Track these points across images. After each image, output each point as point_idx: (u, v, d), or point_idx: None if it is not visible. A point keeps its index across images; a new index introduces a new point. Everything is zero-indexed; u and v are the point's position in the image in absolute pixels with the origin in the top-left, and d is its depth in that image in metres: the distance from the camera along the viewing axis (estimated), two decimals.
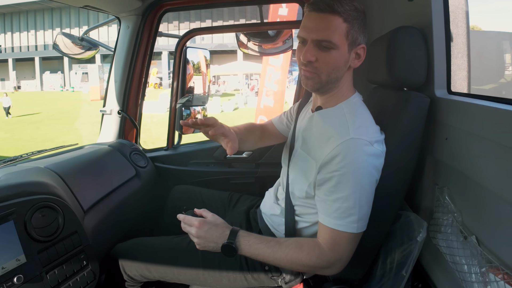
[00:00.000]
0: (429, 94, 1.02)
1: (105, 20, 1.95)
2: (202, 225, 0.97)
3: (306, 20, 0.94)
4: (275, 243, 0.95)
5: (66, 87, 28.77)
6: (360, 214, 0.88)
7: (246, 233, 0.98)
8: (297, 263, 0.93)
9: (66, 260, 1.02)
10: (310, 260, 0.91)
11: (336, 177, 0.88)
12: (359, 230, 0.89)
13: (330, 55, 0.92)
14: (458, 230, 0.88)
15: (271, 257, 0.94)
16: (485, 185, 0.78)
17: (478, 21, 3.30)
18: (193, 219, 0.99)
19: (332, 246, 0.91)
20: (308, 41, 0.93)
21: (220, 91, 22.39)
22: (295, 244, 0.94)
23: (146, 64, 1.86)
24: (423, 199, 1.11)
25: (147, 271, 1.14)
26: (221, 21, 23.96)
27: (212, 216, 1.01)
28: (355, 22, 0.92)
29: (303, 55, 0.92)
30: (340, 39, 0.91)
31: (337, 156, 0.88)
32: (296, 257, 0.92)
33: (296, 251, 0.92)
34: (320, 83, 0.96)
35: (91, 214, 1.23)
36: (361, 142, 0.88)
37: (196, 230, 0.97)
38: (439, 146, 1.00)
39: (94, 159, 1.49)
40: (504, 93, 2.38)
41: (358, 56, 0.97)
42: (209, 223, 0.98)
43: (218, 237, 0.96)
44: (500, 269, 0.71)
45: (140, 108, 1.90)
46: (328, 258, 0.91)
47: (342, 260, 0.91)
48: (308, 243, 0.94)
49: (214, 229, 0.97)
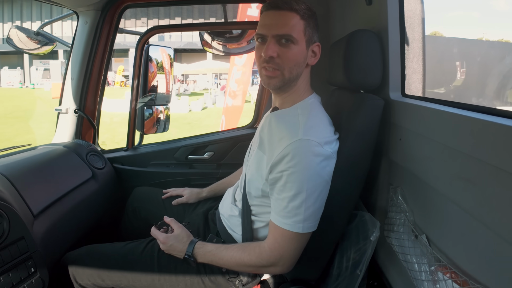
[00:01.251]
0: (384, 96, 1.05)
1: (62, 14, 1.85)
2: (166, 241, 1.07)
3: (265, 18, 0.97)
4: (223, 248, 1.03)
5: (26, 83, 27.32)
6: (306, 214, 0.89)
7: (201, 244, 1.06)
8: (241, 264, 0.99)
9: (12, 267, 0.96)
10: (250, 260, 0.97)
11: (284, 177, 0.90)
12: (305, 231, 0.90)
13: (290, 50, 0.95)
14: (409, 229, 0.90)
15: (220, 261, 1.01)
16: (434, 185, 0.81)
17: (440, 28, 3.45)
18: (158, 234, 1.09)
19: (272, 245, 0.93)
20: (268, 37, 0.95)
21: (188, 90, 22.09)
22: (239, 247, 1.02)
23: (106, 61, 1.79)
24: (379, 199, 1.14)
25: (99, 279, 1.09)
26: (190, 19, 23.62)
27: (177, 228, 1.10)
28: (310, 20, 0.97)
29: (265, 51, 0.94)
30: (299, 35, 0.95)
31: (287, 156, 0.89)
32: (239, 258, 0.98)
33: (239, 252, 0.99)
34: (283, 80, 0.97)
35: (41, 219, 1.17)
36: (309, 143, 0.89)
37: (161, 244, 1.08)
38: (393, 147, 1.03)
39: (47, 161, 1.41)
40: (452, 97, 2.50)
41: (314, 54, 1.01)
42: (172, 239, 1.07)
43: (180, 250, 1.05)
44: (448, 268, 0.74)
45: (98, 107, 1.82)
46: (267, 257, 0.94)
47: (284, 259, 0.93)
48: (251, 244, 1.01)
49: (176, 244, 1.06)
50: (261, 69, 0.98)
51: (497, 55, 2.15)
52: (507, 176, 0.55)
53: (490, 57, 2.21)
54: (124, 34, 1.95)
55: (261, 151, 1.02)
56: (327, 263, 1.09)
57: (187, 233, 1.09)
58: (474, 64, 2.33)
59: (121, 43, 19.20)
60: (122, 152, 1.87)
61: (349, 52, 1.04)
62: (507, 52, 2.22)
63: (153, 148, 1.90)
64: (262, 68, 0.98)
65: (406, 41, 1.17)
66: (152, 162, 1.87)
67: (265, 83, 0.99)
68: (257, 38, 0.99)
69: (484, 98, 1.94)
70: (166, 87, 1.93)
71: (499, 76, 1.87)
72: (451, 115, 0.74)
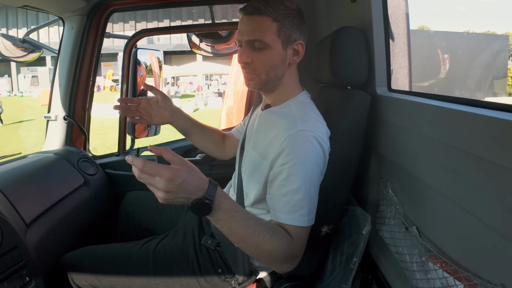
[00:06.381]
0: (371, 92, 1.06)
1: (48, 21, 1.84)
2: (176, 177, 0.71)
3: (240, 24, 0.98)
4: (252, 217, 0.83)
5: (14, 91, 26.95)
6: (310, 206, 0.89)
7: (224, 193, 0.80)
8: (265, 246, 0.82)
9: (7, 277, 0.96)
10: (280, 246, 0.83)
11: (286, 170, 0.88)
12: (309, 224, 0.90)
13: (264, 55, 0.96)
14: (400, 222, 0.92)
15: (241, 230, 0.80)
16: (422, 178, 0.82)
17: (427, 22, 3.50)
18: (161, 168, 0.71)
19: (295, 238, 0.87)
20: (243, 43, 0.97)
21: (179, 93, 22.04)
22: (269, 227, 0.85)
23: (94, 66, 1.78)
24: (370, 193, 1.16)
25: (96, 281, 1.10)
26: (179, 21, 23.50)
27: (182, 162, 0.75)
28: (286, 20, 0.95)
29: (239, 58, 0.97)
30: (272, 38, 0.94)
31: (286, 149, 0.89)
32: (269, 239, 0.82)
33: (270, 234, 0.83)
34: (260, 83, 0.99)
35: (34, 227, 1.17)
36: (308, 133, 0.89)
37: (165, 183, 0.70)
38: (382, 142, 1.04)
39: (38, 169, 1.41)
40: (436, 90, 2.53)
41: (296, 52, 1.00)
42: (184, 174, 0.72)
43: (192, 192, 0.74)
44: (438, 258, 0.75)
45: (88, 112, 1.82)
46: (293, 249, 0.87)
47: (300, 256, 0.91)
48: (280, 230, 0.87)
49: (189, 181, 0.73)
50: (242, 72, 1.01)
51: (482, 47, 2.18)
52: (489, 165, 0.57)
53: (474, 49, 2.25)
54: (112, 38, 1.94)
55: (255, 151, 1.02)
56: (321, 258, 1.10)
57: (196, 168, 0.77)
58: (459, 57, 2.37)
59: (109, 47, 19.05)
60: (113, 157, 1.86)
61: (335, 49, 1.05)
62: (490, 43, 2.26)
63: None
64: (243, 71, 1.00)
65: (391, 37, 1.18)
66: None
67: (246, 84, 1.02)
68: (236, 43, 1.01)
69: (467, 90, 1.98)
70: None
71: (481, 68, 1.91)
72: (434, 107, 0.76)
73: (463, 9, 8.90)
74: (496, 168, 0.55)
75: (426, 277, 0.78)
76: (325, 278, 1.05)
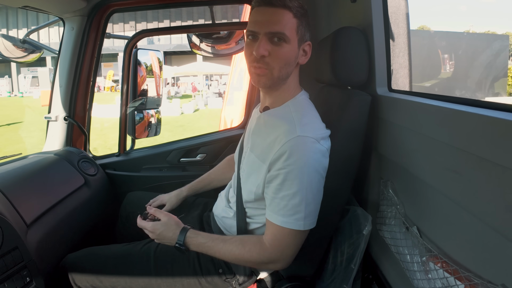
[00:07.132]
0: (371, 92, 1.06)
1: (48, 21, 1.84)
2: (154, 229, 1.04)
3: (257, 15, 0.93)
4: (220, 241, 0.99)
5: (14, 92, 26.95)
6: (307, 211, 0.89)
7: (194, 233, 1.02)
8: (240, 259, 0.97)
9: (8, 277, 0.95)
10: (251, 256, 0.95)
11: (282, 175, 0.89)
12: (306, 228, 0.90)
13: (282, 49, 0.92)
14: (401, 222, 0.92)
15: (217, 254, 0.98)
16: (423, 178, 0.82)
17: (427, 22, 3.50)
18: (144, 224, 1.06)
19: (273, 242, 0.92)
20: (260, 35, 0.92)
21: (180, 93, 22.03)
22: (238, 242, 0.98)
23: (94, 67, 1.78)
24: (370, 193, 1.16)
25: (98, 281, 1.10)
26: (179, 21, 23.50)
27: (163, 216, 1.06)
28: (303, 18, 0.94)
29: (256, 50, 0.91)
30: (292, 33, 0.92)
31: (284, 154, 0.88)
32: (239, 253, 0.95)
33: (239, 248, 0.96)
34: (272, 79, 0.95)
35: (35, 228, 1.16)
36: (307, 140, 0.89)
37: (149, 233, 1.06)
38: (382, 142, 1.04)
39: (38, 169, 1.41)
40: (436, 90, 2.53)
41: (305, 53, 0.99)
42: (160, 227, 1.04)
43: (171, 238, 1.02)
44: (439, 258, 0.75)
45: (88, 113, 1.81)
46: (268, 254, 0.93)
47: (285, 255, 0.93)
48: (251, 240, 0.97)
49: (166, 232, 1.03)
50: (250, 67, 0.96)
51: (482, 47, 2.18)
52: (489, 165, 0.57)
53: (474, 49, 2.25)
54: (113, 38, 1.94)
55: (253, 153, 1.02)
56: (322, 258, 1.10)
57: (175, 220, 1.06)
58: (459, 56, 2.36)
59: (110, 47, 19.04)
60: (114, 157, 1.86)
61: (335, 49, 1.05)
62: (490, 43, 2.26)
63: (145, 152, 1.89)
64: (252, 66, 0.95)
65: (392, 37, 1.18)
66: (145, 166, 1.86)
67: (254, 81, 0.97)
68: (248, 35, 0.96)
69: (467, 90, 1.98)
70: (156, 91, 1.93)
71: (481, 68, 1.90)
72: (434, 107, 0.76)
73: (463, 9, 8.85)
74: (497, 168, 0.55)
75: (427, 277, 0.78)
76: (326, 278, 1.05)
